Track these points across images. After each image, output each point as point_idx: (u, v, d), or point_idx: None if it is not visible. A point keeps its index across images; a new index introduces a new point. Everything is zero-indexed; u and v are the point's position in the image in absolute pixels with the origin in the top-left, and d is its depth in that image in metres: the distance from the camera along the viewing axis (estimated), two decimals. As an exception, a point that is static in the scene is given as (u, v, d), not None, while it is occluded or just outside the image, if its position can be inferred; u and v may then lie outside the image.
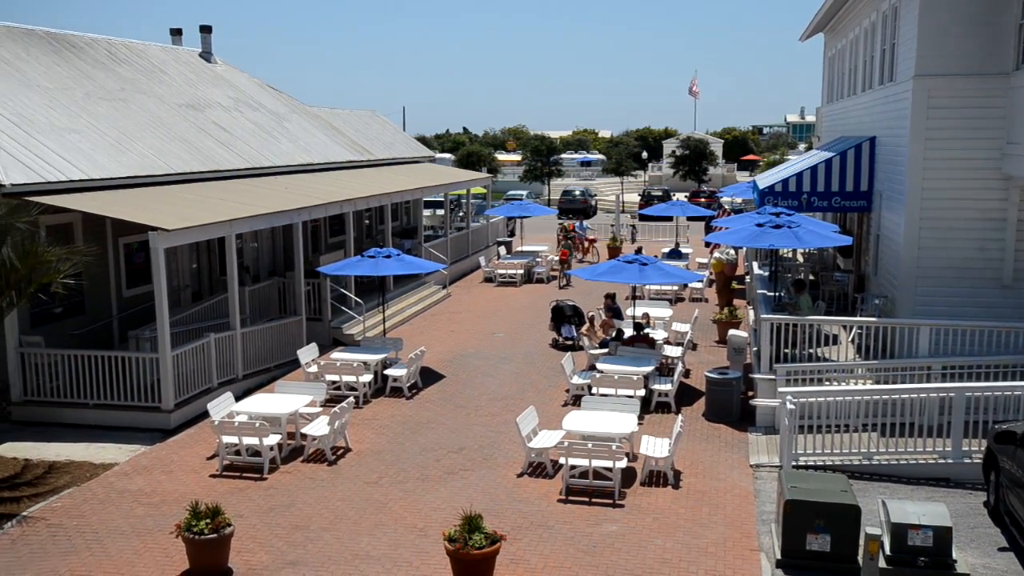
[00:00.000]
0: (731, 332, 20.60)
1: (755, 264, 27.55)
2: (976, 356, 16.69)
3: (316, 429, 15.78)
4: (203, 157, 23.46)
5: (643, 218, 51.09)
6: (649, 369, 18.62)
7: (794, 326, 17.55)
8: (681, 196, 55.44)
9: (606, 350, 20.33)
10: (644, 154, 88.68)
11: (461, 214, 41.43)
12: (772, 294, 21.37)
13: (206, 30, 31.99)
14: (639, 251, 24.28)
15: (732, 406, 17.65)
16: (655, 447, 14.82)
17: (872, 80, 22.69)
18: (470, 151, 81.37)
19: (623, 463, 14.07)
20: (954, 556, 10.71)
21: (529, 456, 15.09)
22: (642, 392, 17.76)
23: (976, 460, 14.48)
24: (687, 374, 20.69)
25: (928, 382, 16.28)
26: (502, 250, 37.10)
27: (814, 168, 22.06)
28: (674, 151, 78.35)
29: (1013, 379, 16.14)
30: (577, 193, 62.47)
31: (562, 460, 14.16)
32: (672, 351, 20.74)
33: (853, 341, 18.89)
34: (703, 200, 57.49)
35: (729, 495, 14.05)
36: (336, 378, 18.94)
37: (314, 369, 19.38)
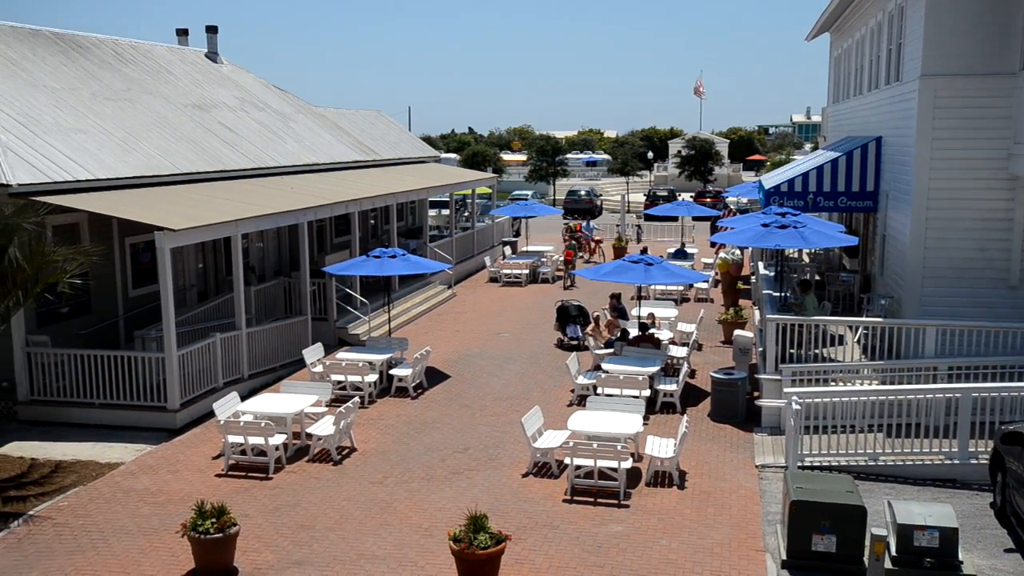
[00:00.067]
0: (737, 332, 20.57)
1: (761, 264, 27.51)
2: (982, 357, 16.64)
3: (321, 429, 15.80)
4: (209, 157, 23.50)
5: (648, 218, 51.03)
6: (654, 369, 18.61)
7: (800, 326, 17.53)
8: (687, 196, 55.51)
9: (611, 350, 20.31)
10: (650, 154, 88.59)
11: (466, 214, 41.47)
12: (778, 294, 21.33)
13: (212, 30, 32.06)
14: (644, 251, 24.27)
15: (737, 406, 17.62)
16: (660, 447, 14.81)
17: (878, 80, 22.64)
18: (475, 151, 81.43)
19: (628, 463, 14.06)
20: (960, 557, 10.68)
21: (534, 456, 15.09)
22: (647, 392, 17.74)
23: (982, 461, 14.44)
24: (692, 374, 20.66)
25: (934, 383, 16.25)
26: (507, 250, 37.09)
27: (820, 168, 22.02)
28: (680, 151, 78.30)
29: (1020, 380, 16.09)
30: (582, 193, 62.45)
31: (567, 460, 14.16)
32: (677, 351, 20.73)
33: (859, 341, 18.85)
34: (709, 200, 57.46)
35: (734, 496, 14.03)
36: (341, 378, 18.96)
37: (319, 369, 19.41)
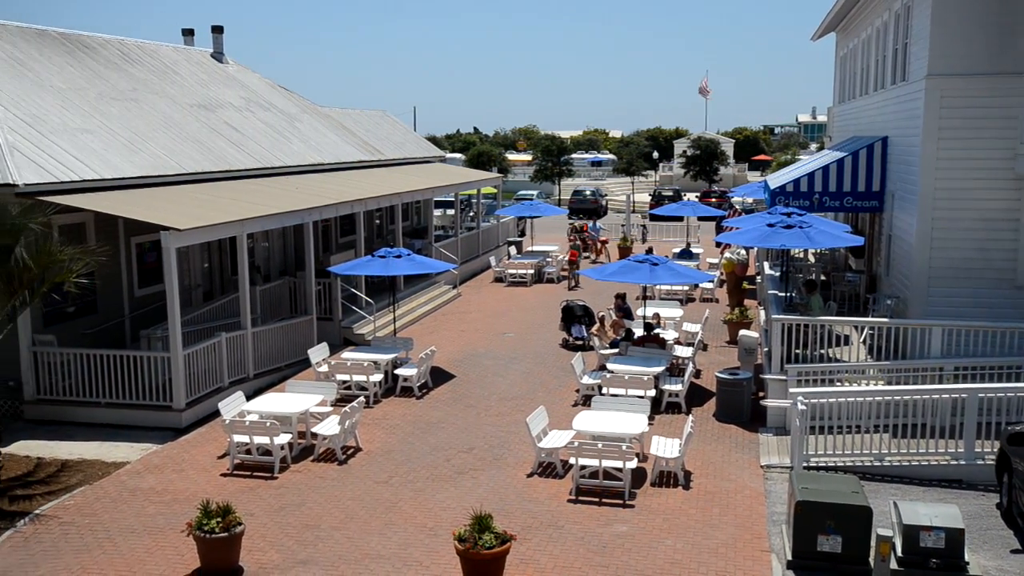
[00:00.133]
0: (742, 332, 20.54)
1: (766, 264, 27.47)
2: (989, 357, 16.60)
3: (327, 428, 15.82)
4: (215, 157, 23.54)
5: (654, 218, 50.98)
6: (659, 369, 18.60)
7: (805, 326, 17.50)
8: (692, 196, 55.44)
9: (616, 350, 20.31)
10: (655, 154, 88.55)
11: (471, 214, 41.48)
12: (783, 294, 21.31)
13: (218, 30, 32.11)
14: (650, 251, 24.25)
15: (743, 407, 17.60)
16: (665, 447, 14.80)
17: (884, 80, 22.60)
18: (481, 151, 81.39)
19: (633, 463, 14.05)
20: (966, 558, 10.67)
21: (539, 456, 15.08)
22: (652, 392, 17.73)
23: (989, 462, 14.41)
24: (698, 374, 20.64)
25: (940, 383, 16.21)
26: (512, 250, 37.10)
27: (826, 168, 21.99)
28: (685, 151, 78.24)
29: (1026, 380, 16.05)
30: (588, 193, 62.40)
31: (572, 460, 14.15)
32: (683, 351, 20.71)
33: (865, 342, 18.81)
34: (714, 200, 57.36)
35: (740, 496, 14.02)
36: (347, 377, 18.98)
37: (325, 369, 19.43)
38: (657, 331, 21.23)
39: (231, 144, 25.13)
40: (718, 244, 33.85)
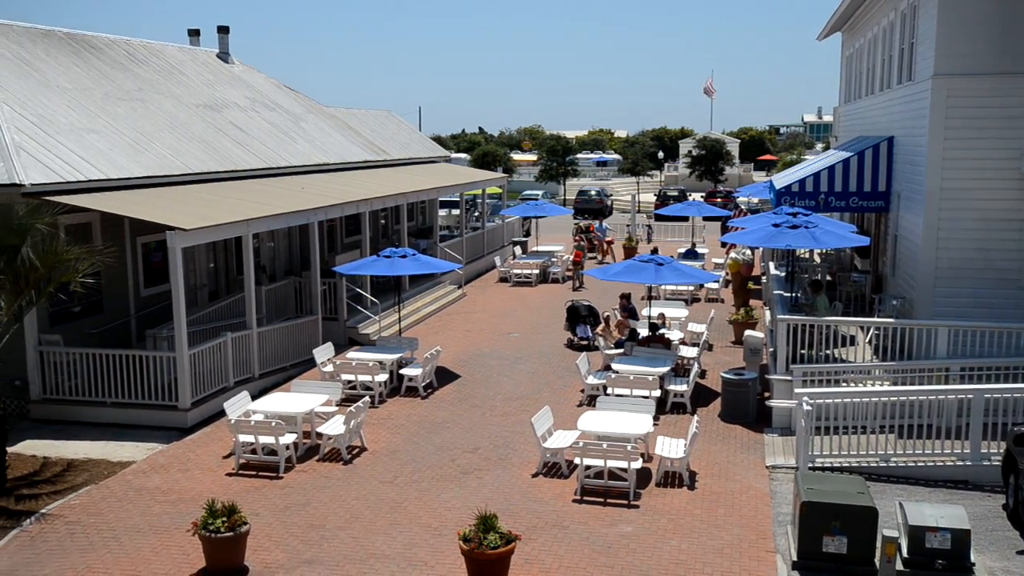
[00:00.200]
0: (747, 333, 20.51)
1: (771, 264, 27.43)
2: (995, 358, 16.56)
3: (332, 428, 15.84)
4: (220, 157, 23.58)
5: (659, 218, 50.97)
6: (665, 370, 18.59)
7: (811, 327, 17.47)
8: (697, 196, 55.39)
9: (621, 350, 20.29)
10: (660, 154, 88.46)
11: (477, 214, 41.48)
12: (789, 295, 21.27)
13: (223, 31, 32.17)
14: (655, 251, 24.22)
15: (748, 407, 17.58)
16: (670, 448, 14.79)
17: (890, 79, 22.55)
18: (486, 151, 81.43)
19: (638, 464, 14.05)
20: (972, 559, 10.64)
21: (544, 456, 15.08)
22: (657, 393, 17.72)
23: (995, 462, 14.37)
24: (703, 375, 20.62)
25: (946, 384, 16.18)
26: (517, 250, 37.09)
27: (831, 168, 21.95)
28: (690, 151, 78.14)
29: (1032, 381, 16.01)
30: (593, 193, 62.39)
31: (577, 460, 14.15)
32: (688, 352, 20.69)
33: (870, 342, 18.78)
34: (719, 200, 57.32)
35: (745, 496, 14.00)
36: (352, 377, 19.00)
37: (330, 368, 19.45)
38: (662, 331, 21.21)
39: (237, 144, 25.17)
40: (723, 244, 33.85)
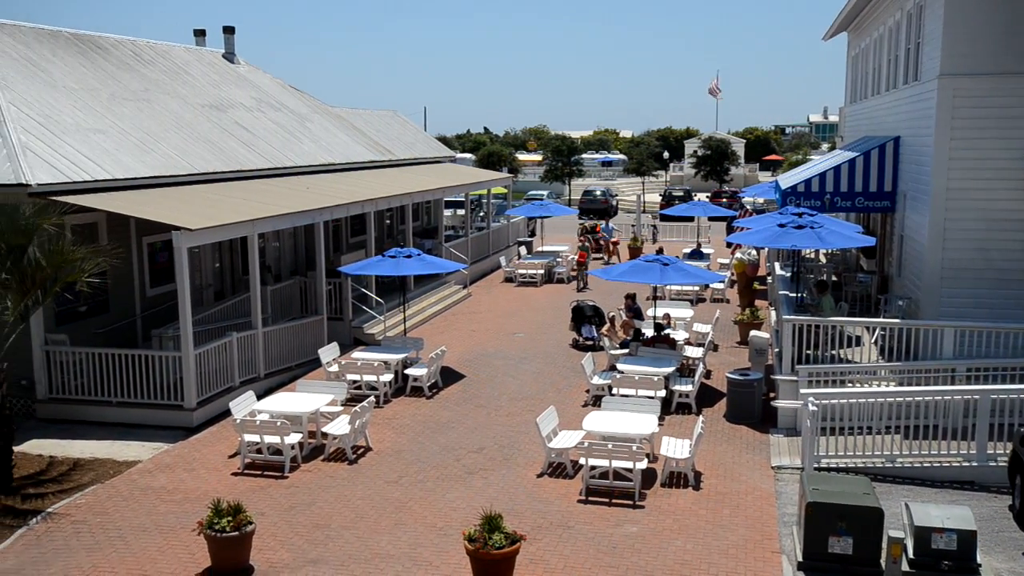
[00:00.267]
0: (753, 333, 20.49)
1: (777, 265, 27.40)
2: (1001, 358, 16.51)
3: (337, 428, 15.85)
4: (226, 157, 23.62)
5: (664, 218, 50.86)
6: (670, 370, 18.57)
7: (816, 327, 17.44)
8: (702, 196, 55.33)
9: (626, 350, 20.28)
10: (665, 154, 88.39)
11: (482, 214, 41.49)
12: (794, 295, 21.24)
13: (229, 31, 32.22)
14: (660, 251, 24.23)
15: (753, 407, 17.56)
16: (676, 448, 14.78)
17: (896, 79, 22.50)
18: (491, 151, 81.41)
19: (643, 464, 14.04)
20: (979, 560, 10.62)
21: (549, 456, 15.08)
22: (663, 393, 17.70)
23: (1001, 463, 14.34)
24: (708, 375, 20.60)
25: (952, 384, 16.14)
26: (522, 250, 37.09)
27: (837, 168, 21.92)
28: (696, 151, 78.08)
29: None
30: (598, 193, 62.35)
31: (582, 460, 14.14)
32: (693, 352, 20.67)
33: (876, 343, 18.74)
34: (725, 200, 57.25)
35: (750, 497, 13.98)
36: (357, 377, 19.01)
37: (335, 368, 19.47)
38: (667, 331, 21.19)
39: (242, 144, 25.21)
40: (729, 244, 33.82)
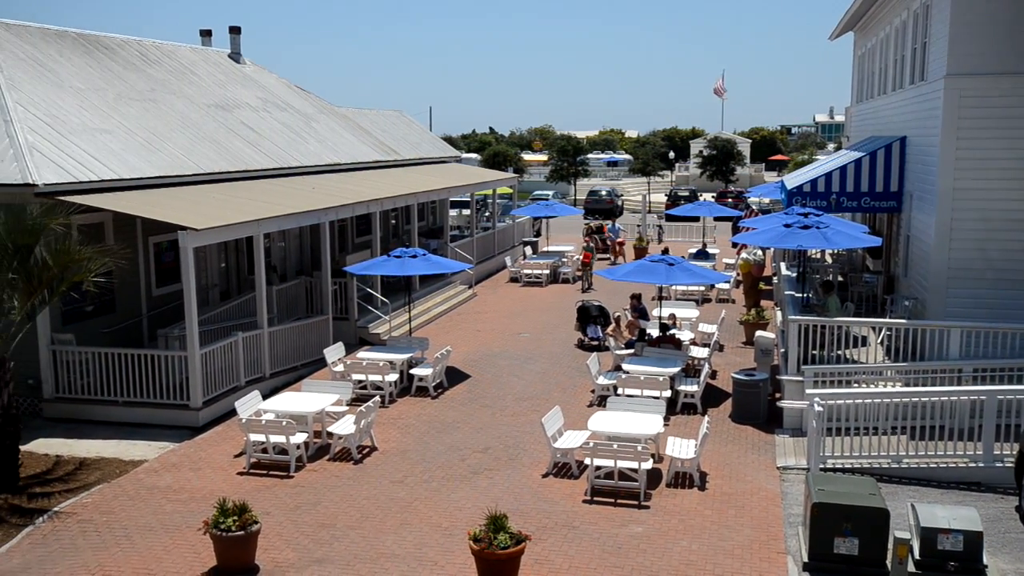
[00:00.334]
0: (758, 333, 20.45)
1: (783, 265, 27.35)
2: (1008, 359, 16.45)
3: (342, 428, 15.87)
4: (232, 157, 23.66)
5: (670, 218, 50.87)
6: (675, 370, 18.55)
7: (822, 327, 17.41)
8: (708, 196, 55.22)
9: (632, 351, 20.27)
10: (671, 154, 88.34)
11: (487, 214, 41.47)
12: (800, 295, 21.20)
13: (235, 31, 32.26)
14: (666, 251, 24.23)
15: (759, 408, 17.53)
16: (681, 448, 14.76)
17: (903, 79, 22.45)
18: (496, 151, 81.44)
19: (649, 464, 14.02)
20: (985, 561, 10.58)
21: (554, 456, 15.08)
22: (668, 393, 17.69)
23: (1008, 464, 14.29)
24: (714, 375, 20.58)
25: (959, 385, 16.10)
26: (528, 250, 37.09)
27: (843, 168, 21.87)
28: (701, 151, 78.01)
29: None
30: (603, 193, 62.34)
31: (587, 461, 14.13)
32: (698, 352, 20.64)
33: (882, 343, 18.70)
34: (730, 200, 57.19)
35: (756, 497, 13.96)
36: (362, 377, 19.03)
37: (340, 368, 19.48)
38: (673, 332, 21.17)
39: (248, 144, 25.25)
40: (734, 244, 33.75)
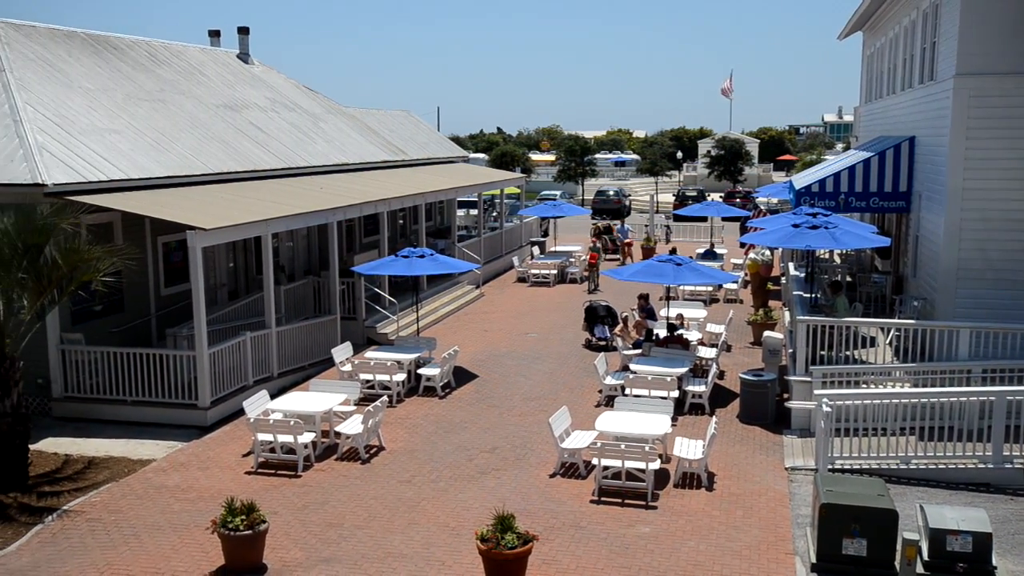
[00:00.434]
0: (766, 334, 20.41)
1: (791, 265, 27.29)
2: (1017, 360, 16.38)
3: (350, 427, 15.89)
4: (240, 157, 23.71)
5: (678, 218, 50.78)
6: (683, 370, 18.53)
7: (830, 328, 17.37)
8: (716, 196, 55.18)
9: (639, 351, 20.25)
10: (679, 154, 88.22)
11: (495, 214, 41.50)
12: (808, 295, 21.16)
13: (244, 31, 32.33)
14: (673, 251, 24.17)
15: (767, 408, 17.50)
16: (688, 449, 14.74)
17: (912, 79, 22.38)
18: (504, 151, 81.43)
19: (656, 464, 14.01)
20: (994, 563, 10.54)
21: (562, 456, 15.07)
22: (676, 393, 17.67)
23: (1018, 465, 14.25)
24: (721, 376, 20.54)
25: (968, 386, 16.04)
26: (535, 250, 37.09)
27: (852, 168, 21.81)
28: (709, 151, 77.91)
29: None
30: (611, 193, 62.28)
31: (595, 461, 14.12)
32: (706, 352, 20.61)
33: (891, 343, 18.64)
34: (738, 200, 57.10)
35: (763, 498, 13.93)
36: (370, 377, 19.05)
37: (348, 368, 19.51)
38: (680, 332, 21.14)
39: (256, 144, 25.30)
40: (742, 245, 33.70)
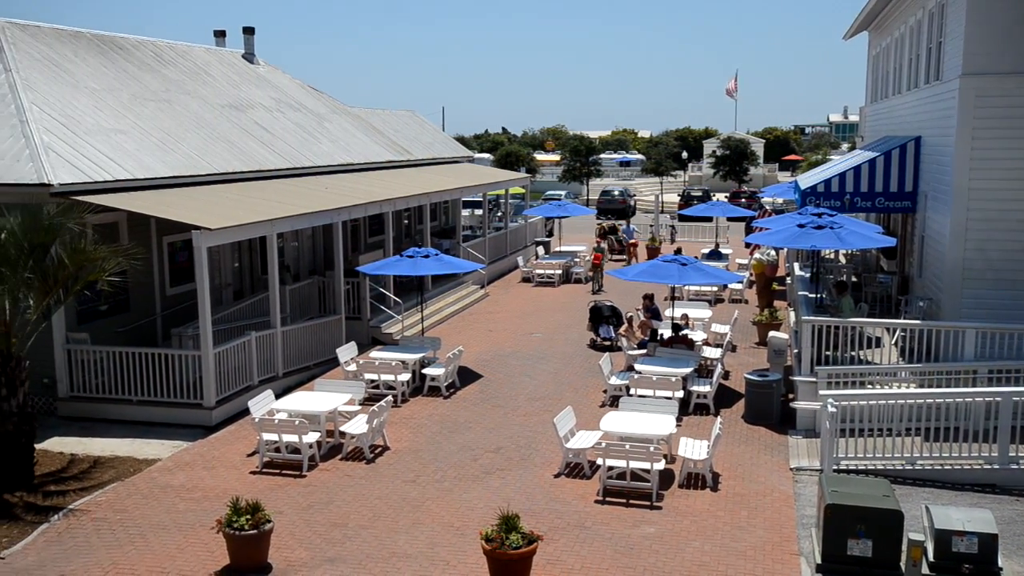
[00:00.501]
0: (771, 334, 20.38)
1: (796, 265, 27.25)
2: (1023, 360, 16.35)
3: (355, 427, 15.90)
4: (245, 157, 23.75)
5: (683, 218, 50.78)
6: (688, 370, 18.51)
7: (836, 328, 17.34)
8: (721, 196, 55.10)
9: (644, 351, 20.24)
10: (684, 154, 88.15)
11: (499, 214, 41.48)
12: (813, 296, 21.12)
13: (249, 32, 32.38)
14: (678, 251, 24.17)
15: (772, 408, 17.48)
16: (693, 449, 14.73)
17: (918, 79, 22.34)
18: (509, 151, 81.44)
19: (661, 465, 14.00)
20: (1000, 564, 10.51)
21: (566, 456, 15.07)
22: (680, 393, 17.65)
23: None
24: (726, 376, 20.52)
25: (974, 386, 16.00)
26: (540, 250, 37.08)
27: (857, 168, 21.77)
28: (714, 151, 77.82)
29: (1062, 384, 15.78)
30: (616, 193, 62.25)
31: (599, 461, 14.12)
32: (711, 352, 20.59)
33: (896, 344, 18.60)
34: (744, 200, 57.04)
35: (768, 498, 13.92)
36: (375, 377, 19.07)
37: (353, 368, 19.53)
38: (685, 332, 21.12)
39: (261, 144, 25.33)
40: (748, 245, 33.64)
